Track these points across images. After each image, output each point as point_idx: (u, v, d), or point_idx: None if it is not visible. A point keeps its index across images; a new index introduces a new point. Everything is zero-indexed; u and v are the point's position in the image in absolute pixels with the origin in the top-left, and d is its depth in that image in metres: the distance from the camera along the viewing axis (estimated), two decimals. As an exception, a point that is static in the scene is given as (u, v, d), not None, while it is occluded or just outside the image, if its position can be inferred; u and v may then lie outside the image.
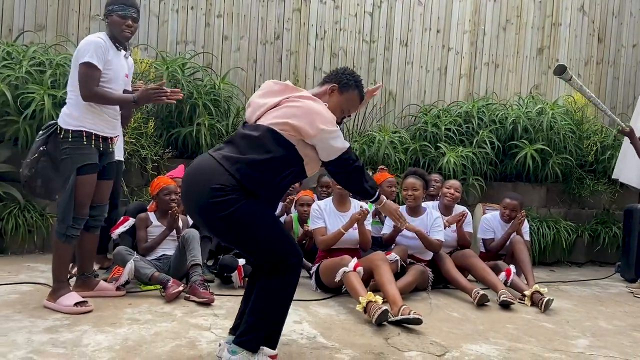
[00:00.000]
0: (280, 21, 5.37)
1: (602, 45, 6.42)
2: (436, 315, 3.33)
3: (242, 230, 2.11)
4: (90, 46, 2.89)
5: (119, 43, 3.03)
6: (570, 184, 5.76)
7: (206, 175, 2.11)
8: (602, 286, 4.69)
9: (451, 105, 5.73)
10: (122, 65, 3.08)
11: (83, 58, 2.87)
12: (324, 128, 2.17)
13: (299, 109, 2.20)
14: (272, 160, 2.14)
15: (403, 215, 2.73)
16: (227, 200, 2.07)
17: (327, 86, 2.38)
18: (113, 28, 2.99)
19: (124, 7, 2.98)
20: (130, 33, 3.04)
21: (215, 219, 2.09)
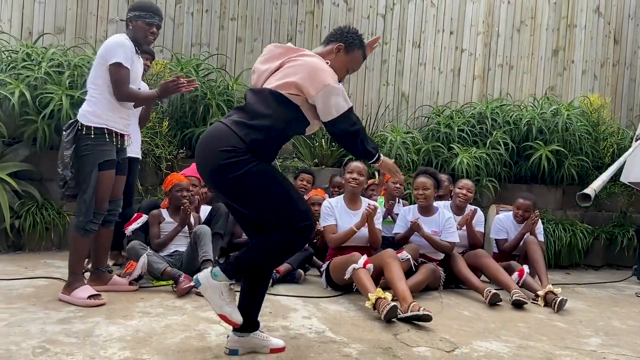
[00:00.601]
0: (294, 23, 5.42)
1: (618, 47, 6.36)
2: (447, 313, 3.31)
3: (253, 192, 2.14)
4: (119, 48, 2.98)
5: (138, 46, 3.13)
6: (587, 186, 5.67)
7: (217, 140, 2.16)
8: (618, 288, 4.61)
9: (464, 107, 5.71)
10: (140, 67, 3.20)
11: (114, 59, 2.96)
12: (327, 84, 2.17)
13: (300, 67, 2.22)
14: (278, 123, 2.18)
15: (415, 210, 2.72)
16: (238, 161, 2.11)
17: (332, 45, 2.38)
18: (137, 33, 3.07)
19: (152, 15, 3.08)
20: (153, 39, 3.15)
21: (227, 180, 2.12)
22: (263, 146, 2.17)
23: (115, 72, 2.95)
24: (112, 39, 3.04)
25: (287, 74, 2.23)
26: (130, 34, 3.08)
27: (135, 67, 3.10)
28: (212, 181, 2.20)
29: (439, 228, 3.94)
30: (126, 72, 2.98)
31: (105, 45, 3.02)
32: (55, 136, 4.25)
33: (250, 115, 2.20)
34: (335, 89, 2.20)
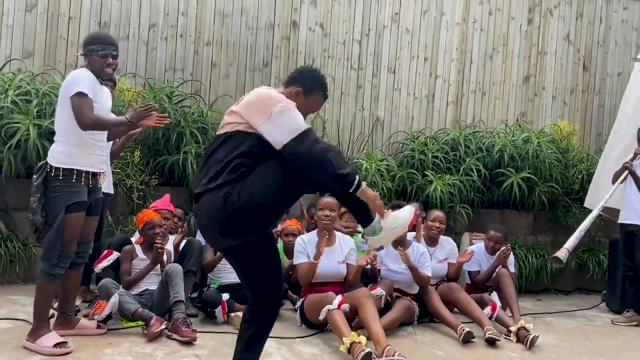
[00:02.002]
0: (269, 48, 5.39)
1: (587, 74, 6.51)
2: (421, 352, 3.32)
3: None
4: (78, 79, 2.91)
5: (101, 78, 3.06)
6: (557, 212, 5.79)
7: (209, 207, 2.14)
8: (588, 317, 4.70)
9: (438, 133, 5.77)
10: (106, 99, 3.12)
11: (74, 90, 2.87)
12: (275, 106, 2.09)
13: (247, 99, 2.20)
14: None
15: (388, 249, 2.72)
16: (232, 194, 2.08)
17: (291, 88, 2.31)
18: (94, 67, 3.00)
19: (104, 47, 2.99)
20: (112, 70, 3.07)
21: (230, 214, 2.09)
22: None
23: (77, 101, 2.84)
24: (71, 74, 2.99)
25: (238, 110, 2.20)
26: (90, 69, 3.01)
27: (101, 98, 3.02)
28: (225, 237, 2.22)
29: (415, 262, 3.95)
30: (88, 100, 2.86)
31: (65, 81, 2.96)
32: (21, 165, 4.13)
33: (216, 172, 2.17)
34: (287, 109, 2.10)
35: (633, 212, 4.46)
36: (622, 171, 4.48)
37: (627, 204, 4.53)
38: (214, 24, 5.23)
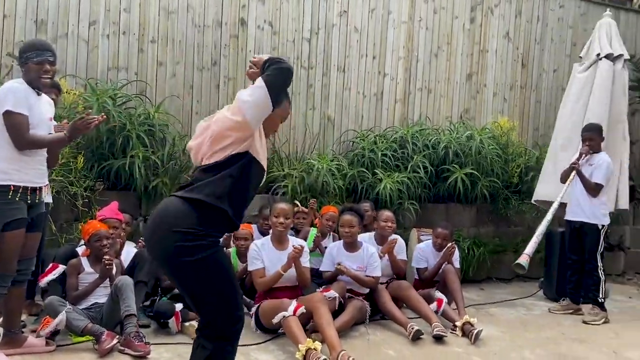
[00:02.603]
0: (218, 47, 5.30)
1: (525, 71, 6.79)
2: (373, 354, 3.43)
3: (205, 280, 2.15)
4: (9, 94, 2.79)
5: (38, 88, 2.94)
6: (498, 204, 6.06)
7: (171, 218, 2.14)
8: (527, 306, 4.98)
9: (387, 131, 5.88)
10: (45, 110, 3.01)
11: (4, 107, 2.75)
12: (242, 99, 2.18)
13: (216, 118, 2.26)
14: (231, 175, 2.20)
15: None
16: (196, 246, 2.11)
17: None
18: (30, 75, 2.88)
19: (39, 53, 2.88)
20: (49, 78, 2.96)
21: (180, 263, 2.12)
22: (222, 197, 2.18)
23: (8, 121, 2.75)
24: (3, 86, 2.86)
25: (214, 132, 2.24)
26: (25, 78, 2.89)
27: (37, 110, 2.90)
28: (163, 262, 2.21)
29: (364, 263, 4.06)
30: (20, 118, 2.77)
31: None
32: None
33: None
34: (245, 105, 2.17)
35: (580, 209, 4.64)
36: (570, 171, 4.64)
37: (574, 202, 4.70)
38: (159, 21, 5.08)
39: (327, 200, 5.05)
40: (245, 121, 2.17)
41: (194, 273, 2.14)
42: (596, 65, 5.44)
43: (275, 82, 2.17)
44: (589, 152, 4.64)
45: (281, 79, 2.21)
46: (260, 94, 2.16)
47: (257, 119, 2.21)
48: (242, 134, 2.20)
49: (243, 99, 2.19)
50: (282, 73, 2.20)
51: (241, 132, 2.20)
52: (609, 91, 5.35)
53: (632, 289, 6.05)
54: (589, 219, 4.60)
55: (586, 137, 4.69)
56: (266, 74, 2.18)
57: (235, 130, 2.20)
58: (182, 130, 5.09)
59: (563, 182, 4.72)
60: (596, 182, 4.56)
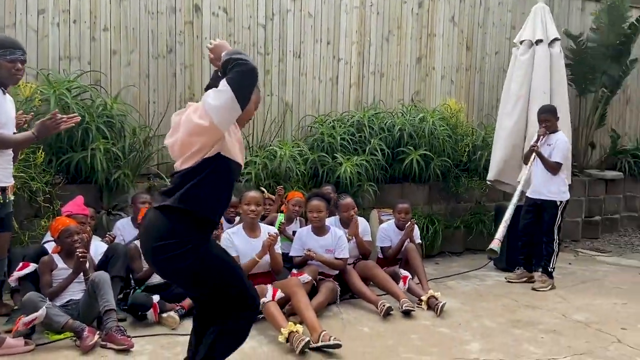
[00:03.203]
0: (172, 34, 5.22)
1: (470, 54, 7.10)
2: (349, 332, 3.62)
3: (208, 276, 2.29)
4: None
5: (5, 87, 2.87)
6: (449, 183, 6.38)
7: (157, 233, 2.26)
8: (480, 278, 5.33)
9: (344, 115, 6.02)
10: (10, 107, 2.95)
11: None
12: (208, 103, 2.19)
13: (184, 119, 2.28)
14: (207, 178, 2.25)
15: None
16: (186, 251, 2.22)
17: None
18: (1, 73, 2.80)
19: (12, 51, 2.84)
20: (20, 76, 2.91)
21: (178, 270, 2.26)
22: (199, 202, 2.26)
23: None
24: None
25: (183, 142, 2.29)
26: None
27: (3, 109, 2.85)
28: (161, 271, 2.37)
29: (333, 246, 4.22)
30: None
31: None
32: None
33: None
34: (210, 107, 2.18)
35: (541, 188, 4.93)
36: (531, 153, 4.96)
37: (536, 181, 4.98)
38: (111, 8, 4.94)
39: (290, 186, 5.16)
40: (213, 126, 2.18)
41: (194, 274, 2.26)
42: (534, 50, 5.81)
43: (241, 85, 2.15)
44: (545, 133, 4.96)
45: (247, 82, 2.19)
46: (227, 98, 2.14)
47: (226, 122, 2.22)
48: (210, 138, 2.22)
49: (209, 103, 2.17)
50: (247, 75, 2.17)
51: (208, 137, 2.21)
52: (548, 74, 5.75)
53: (570, 255, 6.57)
54: (549, 196, 4.92)
55: (542, 118, 5.01)
56: (230, 77, 2.15)
57: (201, 135, 2.21)
58: (140, 119, 5.02)
59: (526, 163, 5.04)
60: (556, 160, 4.88)
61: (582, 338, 3.61)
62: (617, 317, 4.09)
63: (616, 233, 7.77)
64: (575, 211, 7.52)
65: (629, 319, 4.05)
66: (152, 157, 4.99)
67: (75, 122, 3.06)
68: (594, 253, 6.71)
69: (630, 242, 7.29)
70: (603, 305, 4.41)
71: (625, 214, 8.12)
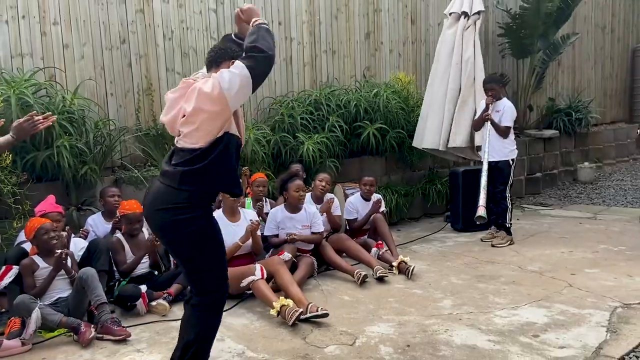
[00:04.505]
0: (124, 24, 5.16)
1: (414, 27, 7.37)
2: (331, 302, 3.87)
3: (202, 248, 2.43)
4: None
5: None
6: (404, 153, 6.69)
7: (160, 199, 2.40)
8: (440, 240, 5.71)
9: (300, 94, 6.17)
10: None
11: None
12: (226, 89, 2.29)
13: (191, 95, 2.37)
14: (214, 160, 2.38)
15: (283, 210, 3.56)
16: (189, 218, 2.36)
17: (224, 65, 2.42)
18: None
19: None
20: None
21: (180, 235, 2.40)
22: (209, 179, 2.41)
23: None
24: None
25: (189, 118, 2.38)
26: None
27: None
28: (162, 235, 2.48)
29: (308, 222, 4.43)
30: None
31: None
32: None
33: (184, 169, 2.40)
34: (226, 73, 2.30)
35: (494, 150, 5.30)
36: (482, 121, 5.35)
37: (489, 146, 5.31)
38: (59, 2, 4.81)
39: (256, 168, 5.29)
40: (228, 109, 2.34)
41: (193, 243, 2.40)
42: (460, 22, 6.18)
43: (261, 71, 2.33)
44: (492, 101, 5.34)
45: (267, 68, 2.37)
46: (245, 83, 2.30)
47: (238, 104, 2.39)
48: (220, 118, 2.34)
49: (226, 88, 2.29)
50: (268, 62, 2.35)
51: (219, 119, 2.35)
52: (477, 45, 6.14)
53: (517, 211, 7.06)
54: (501, 157, 5.33)
55: (487, 87, 5.40)
56: (253, 61, 2.29)
57: (212, 115, 2.33)
58: (100, 112, 4.98)
59: (477, 129, 5.40)
60: (506, 125, 5.30)
61: (539, 286, 4.03)
62: (565, 264, 4.55)
63: (555, 187, 8.41)
64: (518, 170, 8.05)
65: (576, 265, 4.52)
66: (116, 149, 4.98)
67: (53, 121, 3.06)
68: (538, 207, 7.27)
69: (568, 194, 7.91)
70: (553, 255, 4.87)
71: (562, 169, 8.77)
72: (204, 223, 2.44)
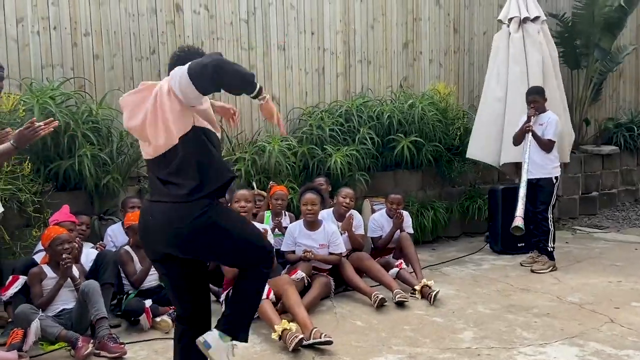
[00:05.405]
0: (155, 35, 5.18)
1: (457, 36, 7.03)
2: (342, 327, 3.63)
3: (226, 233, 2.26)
4: None
5: None
6: (442, 167, 6.36)
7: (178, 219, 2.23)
8: (475, 262, 5.34)
9: (332, 105, 5.99)
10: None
11: None
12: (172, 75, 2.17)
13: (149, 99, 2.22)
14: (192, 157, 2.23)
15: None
16: (201, 214, 2.20)
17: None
18: None
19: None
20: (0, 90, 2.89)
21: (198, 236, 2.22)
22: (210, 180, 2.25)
23: None
24: None
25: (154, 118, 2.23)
26: None
27: None
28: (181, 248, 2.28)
29: (326, 241, 4.22)
30: None
31: None
32: None
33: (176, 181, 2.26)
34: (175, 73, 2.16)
35: (535, 166, 4.90)
36: (523, 133, 4.96)
37: (530, 161, 4.91)
38: (90, 13, 4.89)
39: (280, 180, 5.15)
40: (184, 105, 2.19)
41: (219, 231, 2.24)
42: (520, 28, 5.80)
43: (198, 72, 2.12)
44: (535, 114, 4.96)
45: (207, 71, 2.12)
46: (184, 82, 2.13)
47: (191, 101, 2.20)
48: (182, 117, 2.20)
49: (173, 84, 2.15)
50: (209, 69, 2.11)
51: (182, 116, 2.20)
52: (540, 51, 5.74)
53: (568, 234, 6.57)
54: (544, 174, 4.92)
55: (530, 99, 5.02)
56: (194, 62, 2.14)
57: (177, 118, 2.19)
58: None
59: (516, 144, 5.04)
60: (549, 138, 4.90)
61: (576, 320, 3.62)
62: (611, 296, 4.10)
63: (614, 208, 7.78)
64: (572, 188, 7.52)
65: (622, 297, 4.06)
66: (141, 159, 4.98)
67: (54, 127, 3.02)
68: (591, 230, 6.71)
69: (628, 216, 7.29)
70: (598, 284, 4.42)
71: (622, 188, 8.11)
72: (217, 210, 2.28)
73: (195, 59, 2.28)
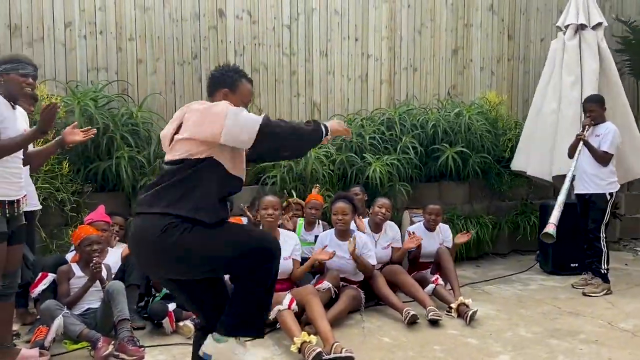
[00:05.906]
0: (197, 40, 5.22)
1: (512, 42, 6.71)
2: (369, 342, 3.44)
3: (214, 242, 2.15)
4: None
5: (14, 101, 2.90)
6: (490, 180, 6.04)
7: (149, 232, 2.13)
8: (523, 282, 4.99)
9: (374, 113, 5.83)
10: (21, 122, 2.97)
11: None
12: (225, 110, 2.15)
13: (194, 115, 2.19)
14: (197, 187, 2.16)
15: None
16: (175, 229, 2.11)
17: (218, 93, 2.35)
18: (11, 87, 2.85)
19: (25, 66, 2.88)
20: (31, 91, 2.93)
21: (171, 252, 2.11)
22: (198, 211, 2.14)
23: None
24: None
25: (186, 129, 2.20)
26: (3, 90, 2.84)
27: (12, 123, 2.85)
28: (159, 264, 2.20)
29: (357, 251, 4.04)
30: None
31: None
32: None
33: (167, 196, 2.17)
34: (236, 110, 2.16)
35: (588, 180, 4.56)
36: (577, 143, 4.59)
37: (581, 174, 4.60)
38: (135, 18, 5.00)
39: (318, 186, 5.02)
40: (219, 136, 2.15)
41: (204, 242, 2.14)
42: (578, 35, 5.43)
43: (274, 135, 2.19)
44: (591, 124, 4.59)
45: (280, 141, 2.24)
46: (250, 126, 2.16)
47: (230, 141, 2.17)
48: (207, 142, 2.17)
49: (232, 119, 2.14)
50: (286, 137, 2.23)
51: (207, 141, 2.17)
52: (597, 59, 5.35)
53: (628, 255, 6.07)
54: (596, 189, 4.54)
55: (587, 108, 4.65)
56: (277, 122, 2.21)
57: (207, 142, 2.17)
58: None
59: (571, 156, 4.67)
60: (604, 150, 4.49)
61: (626, 349, 3.26)
62: (671, 325, 3.69)
63: (684, 229, 7.11)
64: (637, 207, 6.97)
65: (685, 328, 3.64)
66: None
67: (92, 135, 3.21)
68: (656, 252, 6.17)
69: (701, 239, 6.65)
70: (657, 311, 4.00)
71: (695, 208, 7.42)
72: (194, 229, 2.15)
73: (229, 76, 2.31)
